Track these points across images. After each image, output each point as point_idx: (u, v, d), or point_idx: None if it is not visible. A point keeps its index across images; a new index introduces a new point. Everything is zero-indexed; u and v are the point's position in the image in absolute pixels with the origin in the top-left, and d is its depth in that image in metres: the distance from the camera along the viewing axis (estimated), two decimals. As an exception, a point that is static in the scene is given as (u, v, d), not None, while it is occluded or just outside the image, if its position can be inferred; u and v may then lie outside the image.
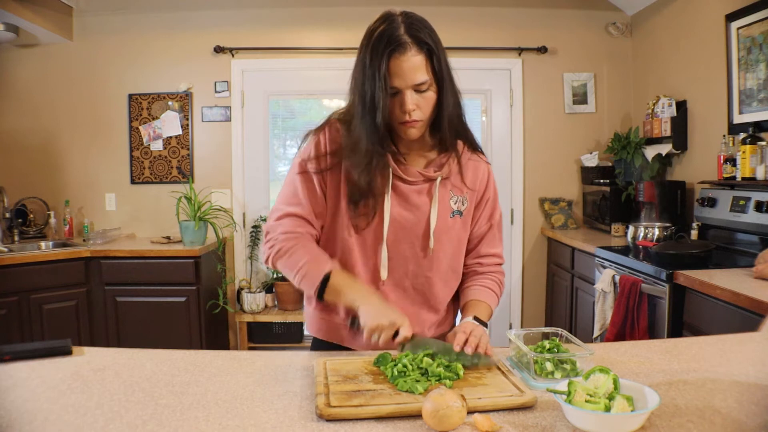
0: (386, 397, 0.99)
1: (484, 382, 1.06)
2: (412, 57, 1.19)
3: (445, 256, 1.38)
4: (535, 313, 4.17)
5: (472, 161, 1.40)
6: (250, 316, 3.79)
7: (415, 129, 1.27)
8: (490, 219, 1.44)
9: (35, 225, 3.91)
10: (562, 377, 1.06)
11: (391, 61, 1.18)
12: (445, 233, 1.36)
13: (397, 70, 1.19)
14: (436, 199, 1.34)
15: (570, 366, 1.08)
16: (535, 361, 1.07)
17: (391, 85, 1.20)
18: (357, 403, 0.96)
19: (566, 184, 4.14)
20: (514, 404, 0.96)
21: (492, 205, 1.44)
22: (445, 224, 1.36)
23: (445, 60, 1.25)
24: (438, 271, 1.38)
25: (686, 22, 3.41)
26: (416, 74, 1.20)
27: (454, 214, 1.37)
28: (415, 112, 1.23)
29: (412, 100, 1.22)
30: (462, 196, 1.38)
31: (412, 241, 1.35)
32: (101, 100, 4.00)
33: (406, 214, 1.34)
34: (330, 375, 1.09)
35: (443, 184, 1.36)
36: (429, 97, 1.24)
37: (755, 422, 0.88)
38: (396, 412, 0.93)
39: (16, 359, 1.20)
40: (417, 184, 1.34)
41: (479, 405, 0.95)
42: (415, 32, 1.20)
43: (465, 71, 4.14)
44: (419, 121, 1.25)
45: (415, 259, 1.36)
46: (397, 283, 1.37)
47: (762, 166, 2.58)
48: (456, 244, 1.40)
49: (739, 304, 1.96)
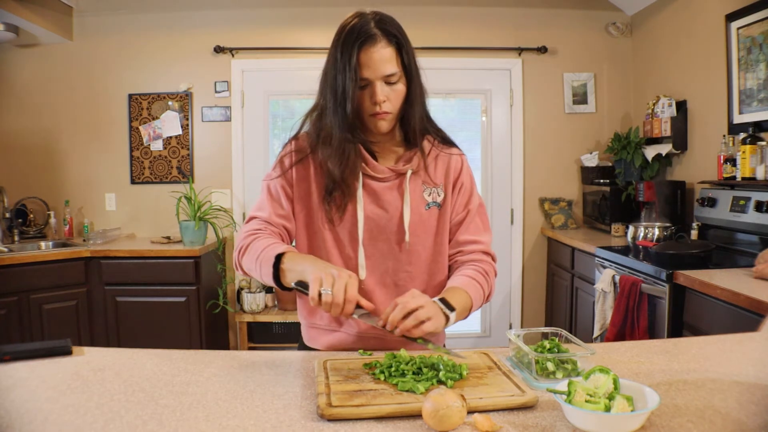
0: (387, 396, 0.99)
1: (485, 382, 1.06)
2: (382, 49, 1.23)
3: (425, 249, 1.38)
4: (535, 313, 4.17)
5: (443, 154, 1.41)
6: (250, 316, 3.79)
7: (385, 121, 1.29)
8: (467, 205, 1.43)
9: (35, 225, 3.91)
10: (563, 377, 1.06)
11: (361, 52, 1.22)
12: (421, 226, 1.37)
13: (367, 61, 1.23)
14: (408, 193, 1.35)
15: (571, 366, 1.08)
16: (536, 361, 1.07)
17: (362, 76, 1.23)
18: (358, 403, 0.96)
19: (566, 184, 4.14)
20: (516, 404, 0.96)
21: (468, 192, 1.43)
22: (420, 217, 1.37)
23: (413, 56, 1.30)
24: (418, 265, 1.38)
25: (686, 22, 3.41)
26: (386, 66, 1.24)
27: (429, 205, 1.38)
28: (385, 104, 1.26)
29: (383, 91, 1.25)
30: (436, 188, 1.39)
31: (388, 237, 1.36)
32: (101, 100, 4.00)
33: (378, 211, 1.35)
34: (331, 375, 1.10)
35: (414, 177, 1.37)
36: (398, 90, 1.28)
37: (755, 422, 0.88)
38: (397, 412, 0.93)
39: (16, 359, 1.20)
40: (388, 180, 1.36)
41: (480, 405, 0.95)
42: (384, 26, 1.25)
43: (465, 71, 4.21)
44: (389, 113, 1.28)
45: (393, 255, 1.36)
46: (380, 281, 1.37)
47: (762, 166, 2.58)
48: (436, 236, 1.39)
49: (739, 304, 1.96)
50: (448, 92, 4.09)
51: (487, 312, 4.16)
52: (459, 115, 4.19)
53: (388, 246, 1.36)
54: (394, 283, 1.38)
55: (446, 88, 4.06)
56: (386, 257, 1.36)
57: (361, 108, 1.28)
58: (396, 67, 1.25)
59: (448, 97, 4.12)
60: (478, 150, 4.12)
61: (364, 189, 1.34)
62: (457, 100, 4.15)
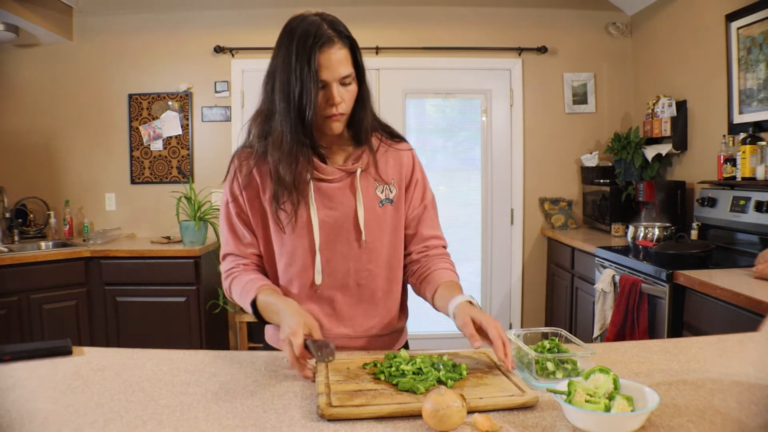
0: (387, 396, 0.99)
1: (485, 382, 1.06)
2: (339, 50, 1.23)
3: (383, 246, 1.38)
4: (535, 313, 4.17)
5: (393, 150, 1.41)
6: (250, 316, 3.78)
7: (340, 122, 1.29)
8: (423, 200, 1.43)
9: (35, 225, 3.91)
10: (563, 377, 1.06)
11: (320, 54, 1.21)
12: (376, 223, 1.37)
13: (326, 63, 1.22)
14: (359, 191, 1.35)
15: (571, 366, 1.08)
16: (536, 361, 1.07)
17: (320, 78, 1.22)
18: (358, 403, 0.96)
19: (566, 184, 4.14)
20: (516, 404, 0.96)
21: (422, 186, 1.44)
22: (374, 214, 1.36)
23: (361, 56, 1.30)
24: (378, 263, 1.38)
25: (686, 22, 3.41)
26: (342, 67, 1.24)
27: (383, 202, 1.38)
28: (341, 105, 1.26)
29: (339, 93, 1.25)
30: (387, 184, 1.38)
31: (345, 238, 1.36)
32: (101, 100, 4.00)
33: (332, 213, 1.35)
34: (331, 375, 1.09)
35: (365, 174, 1.37)
36: (352, 90, 1.28)
37: (755, 422, 0.88)
38: (397, 412, 0.93)
39: (16, 359, 1.20)
40: (339, 181, 1.35)
41: (480, 405, 0.95)
42: (336, 27, 1.25)
43: (465, 71, 4.21)
44: (344, 114, 1.29)
45: (353, 255, 1.36)
46: (341, 283, 1.37)
47: (762, 166, 2.58)
48: (392, 233, 1.40)
49: (739, 304, 1.96)
50: (448, 92, 4.09)
51: (487, 312, 4.16)
52: (459, 115, 4.19)
53: (347, 246, 1.36)
54: (356, 283, 1.38)
55: (446, 88, 4.06)
56: (346, 258, 1.36)
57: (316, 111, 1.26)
58: (350, 68, 1.25)
59: (448, 97, 4.12)
60: (477, 150, 4.12)
61: (315, 192, 1.33)
62: (457, 100, 4.15)
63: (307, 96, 1.21)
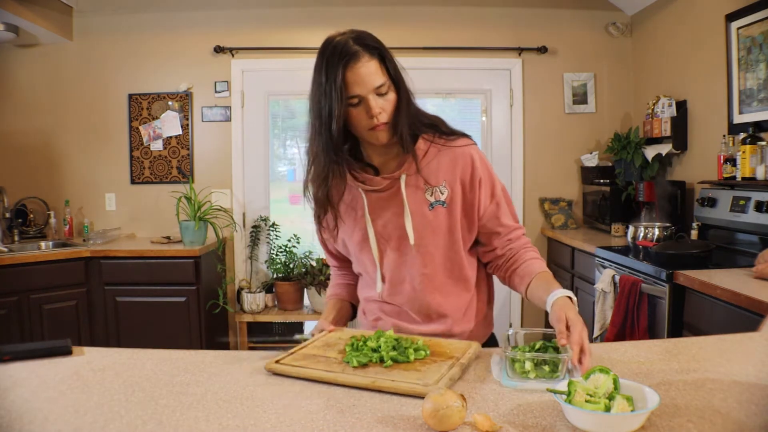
0: (327, 364, 1.09)
1: (424, 369, 1.08)
2: (366, 63, 1.25)
3: (437, 249, 1.38)
4: (535, 313, 4.17)
5: (447, 149, 1.39)
6: (250, 316, 3.79)
7: (384, 132, 1.30)
8: (493, 196, 1.40)
9: (35, 225, 3.91)
10: (536, 378, 1.05)
11: (347, 71, 1.24)
12: (427, 227, 1.36)
13: (355, 78, 1.24)
14: (405, 197, 1.36)
15: (549, 368, 1.06)
16: (511, 359, 1.08)
17: (353, 94, 1.25)
18: (299, 365, 1.09)
19: (566, 184, 4.14)
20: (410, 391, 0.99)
21: (488, 182, 1.40)
22: (424, 218, 1.36)
23: (395, 62, 1.32)
24: (433, 266, 1.38)
25: (686, 22, 3.41)
26: (374, 78, 1.26)
27: (433, 205, 1.37)
28: (381, 115, 1.28)
29: (377, 104, 1.27)
30: (438, 187, 1.37)
31: (398, 245, 1.38)
32: (101, 100, 4.00)
33: (384, 222, 1.38)
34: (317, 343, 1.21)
35: (411, 179, 1.36)
36: (390, 99, 1.29)
37: (755, 422, 0.88)
38: (323, 378, 1.06)
39: (16, 359, 1.20)
40: (387, 190, 1.37)
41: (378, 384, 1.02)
42: (363, 41, 1.26)
43: (465, 71, 4.21)
44: (387, 123, 1.30)
45: (407, 261, 1.38)
46: (401, 290, 1.40)
47: (762, 166, 2.58)
48: (447, 235, 1.38)
49: (739, 304, 1.96)
50: (448, 92, 4.09)
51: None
52: (459, 115, 4.19)
53: (401, 254, 1.38)
54: (413, 288, 1.39)
55: (446, 88, 4.06)
56: (403, 266, 1.38)
57: (359, 126, 1.29)
58: (383, 78, 1.27)
59: (448, 97, 4.12)
60: (478, 150, 4.12)
61: (369, 205, 1.38)
62: (457, 100, 4.15)
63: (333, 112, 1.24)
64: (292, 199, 4.24)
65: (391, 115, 1.30)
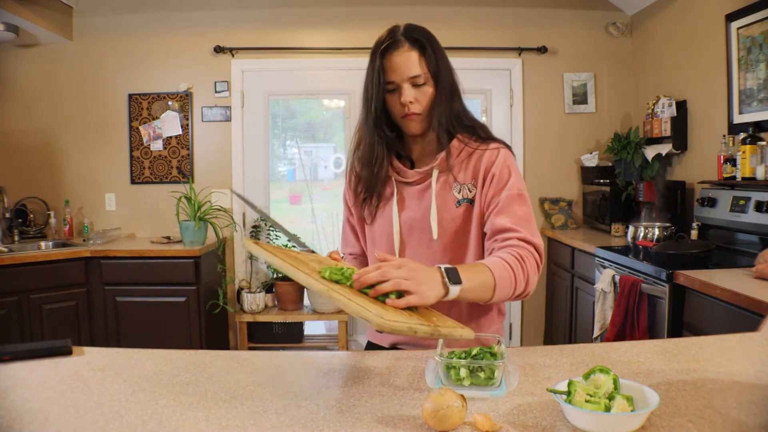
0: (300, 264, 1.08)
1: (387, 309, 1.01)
2: (405, 52, 1.30)
3: (461, 246, 1.38)
4: (534, 313, 4.17)
5: (479, 150, 1.38)
6: (250, 316, 3.79)
7: (415, 122, 1.33)
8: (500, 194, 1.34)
9: (35, 225, 3.91)
10: (470, 385, 1.00)
11: (385, 58, 1.30)
12: (452, 224, 1.36)
13: (391, 65, 1.30)
14: (434, 193, 1.36)
15: (485, 375, 1.01)
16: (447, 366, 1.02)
17: (388, 80, 1.31)
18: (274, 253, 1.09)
19: (566, 184, 4.14)
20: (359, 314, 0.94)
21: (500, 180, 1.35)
22: (450, 215, 1.36)
23: (442, 59, 1.34)
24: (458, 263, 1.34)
25: (686, 22, 3.41)
26: (410, 67, 1.29)
27: (460, 203, 1.37)
28: (414, 105, 1.31)
29: (410, 93, 1.30)
30: (467, 185, 1.37)
31: (421, 238, 1.38)
32: (101, 100, 4.00)
33: (411, 214, 1.39)
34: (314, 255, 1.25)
35: (442, 176, 1.38)
36: (427, 92, 1.32)
37: (755, 422, 0.88)
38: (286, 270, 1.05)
39: (16, 359, 1.20)
40: (418, 183, 1.40)
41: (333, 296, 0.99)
42: (409, 33, 1.32)
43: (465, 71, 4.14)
44: (418, 114, 1.32)
45: (429, 256, 1.37)
46: None
47: (762, 166, 2.58)
48: (471, 234, 1.37)
49: (739, 304, 1.96)
50: (448, 92, 4.09)
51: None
52: (459, 115, 4.18)
53: (424, 247, 1.38)
54: None
55: (446, 88, 4.05)
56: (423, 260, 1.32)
57: (394, 112, 1.34)
58: (420, 70, 1.30)
59: (448, 97, 4.12)
60: (478, 150, 4.12)
61: (398, 195, 1.40)
62: (457, 100, 4.14)
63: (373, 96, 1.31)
64: (292, 199, 4.24)
65: (426, 107, 1.32)
